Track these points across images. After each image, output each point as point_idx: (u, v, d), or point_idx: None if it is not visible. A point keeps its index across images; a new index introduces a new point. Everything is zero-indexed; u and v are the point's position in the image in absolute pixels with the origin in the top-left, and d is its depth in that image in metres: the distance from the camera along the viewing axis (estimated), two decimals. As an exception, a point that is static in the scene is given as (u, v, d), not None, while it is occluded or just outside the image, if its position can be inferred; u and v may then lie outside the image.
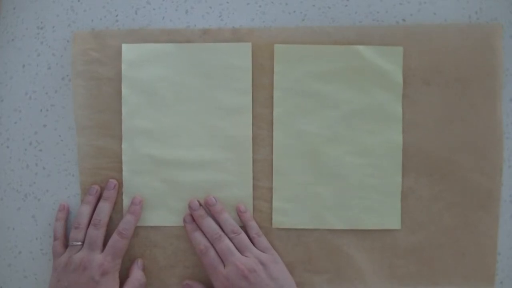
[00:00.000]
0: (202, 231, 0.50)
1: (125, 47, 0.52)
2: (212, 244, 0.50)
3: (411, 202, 0.52)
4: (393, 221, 0.52)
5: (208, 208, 0.51)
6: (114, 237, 0.50)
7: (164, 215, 0.52)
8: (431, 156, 0.52)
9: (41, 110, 0.53)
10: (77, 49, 0.52)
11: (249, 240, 0.50)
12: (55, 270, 0.49)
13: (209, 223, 0.50)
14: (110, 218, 0.51)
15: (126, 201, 0.52)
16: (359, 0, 0.53)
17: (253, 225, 0.51)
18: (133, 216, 0.51)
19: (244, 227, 0.51)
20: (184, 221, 0.51)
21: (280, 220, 0.52)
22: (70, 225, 0.52)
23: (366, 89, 0.52)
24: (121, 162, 0.52)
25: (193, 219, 0.51)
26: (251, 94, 0.52)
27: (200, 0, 0.53)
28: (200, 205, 0.51)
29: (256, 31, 0.52)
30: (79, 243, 0.49)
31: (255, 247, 0.50)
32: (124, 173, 0.52)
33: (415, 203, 0.52)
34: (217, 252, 0.49)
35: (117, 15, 0.53)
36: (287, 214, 0.52)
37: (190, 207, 0.51)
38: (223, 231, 0.50)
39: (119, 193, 0.52)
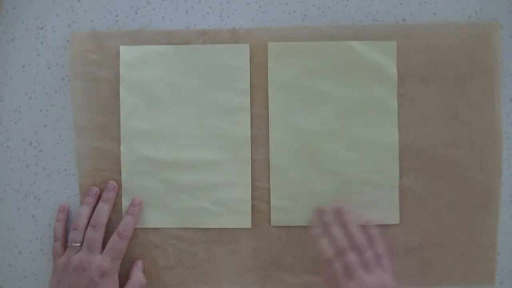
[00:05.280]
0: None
1: (123, 49, 0.52)
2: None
3: (410, 202, 0.52)
4: (391, 216, 0.51)
5: (338, 216, 0.49)
6: (114, 238, 0.50)
7: (163, 216, 0.52)
8: (430, 155, 0.52)
9: (41, 110, 0.53)
10: (75, 51, 0.52)
11: (374, 260, 0.47)
12: (55, 271, 0.49)
13: (337, 233, 0.48)
14: (110, 219, 0.51)
15: (125, 202, 0.52)
16: (359, 0, 0.53)
17: (378, 242, 0.49)
18: (132, 217, 0.51)
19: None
20: (311, 223, 0.49)
21: (278, 218, 0.52)
22: (70, 225, 0.52)
23: (361, 83, 0.52)
24: (120, 163, 0.52)
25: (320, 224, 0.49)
26: (249, 94, 0.52)
27: (200, 0, 0.53)
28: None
29: (254, 32, 0.52)
30: (78, 244, 0.49)
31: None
32: (123, 174, 0.52)
33: (414, 203, 0.52)
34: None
35: (117, 15, 0.53)
36: (285, 211, 0.52)
37: (319, 210, 0.49)
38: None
39: (118, 194, 0.52)
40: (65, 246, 0.51)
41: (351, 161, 0.52)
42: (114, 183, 0.52)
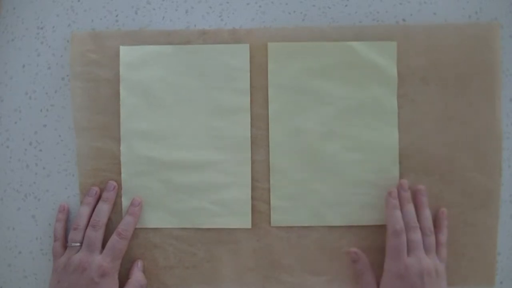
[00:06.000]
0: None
1: (123, 49, 0.52)
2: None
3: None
4: None
5: (415, 194, 0.51)
6: (114, 238, 0.50)
7: (163, 216, 0.52)
8: (430, 156, 0.52)
9: (41, 110, 0.53)
10: (75, 51, 0.52)
11: (435, 247, 0.49)
12: (55, 271, 0.49)
13: (411, 209, 0.50)
14: (110, 219, 0.51)
15: (125, 202, 0.52)
16: (359, 0, 0.53)
17: (445, 232, 0.50)
18: (132, 217, 0.51)
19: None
20: (389, 194, 0.50)
21: (278, 218, 0.52)
22: (70, 225, 0.52)
23: (361, 84, 0.52)
24: (120, 163, 0.52)
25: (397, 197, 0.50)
26: (249, 95, 0.52)
27: (200, 0, 0.53)
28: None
29: (255, 32, 0.52)
30: (78, 244, 0.49)
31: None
32: (123, 174, 0.52)
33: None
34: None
35: (117, 15, 0.53)
36: (285, 212, 0.52)
37: (401, 184, 0.50)
38: None
39: (118, 194, 0.52)
40: (65, 246, 0.51)
41: (351, 162, 0.52)
42: (114, 183, 0.52)
